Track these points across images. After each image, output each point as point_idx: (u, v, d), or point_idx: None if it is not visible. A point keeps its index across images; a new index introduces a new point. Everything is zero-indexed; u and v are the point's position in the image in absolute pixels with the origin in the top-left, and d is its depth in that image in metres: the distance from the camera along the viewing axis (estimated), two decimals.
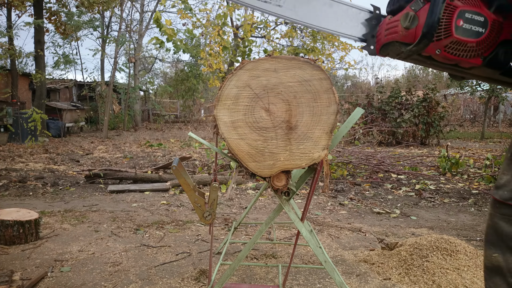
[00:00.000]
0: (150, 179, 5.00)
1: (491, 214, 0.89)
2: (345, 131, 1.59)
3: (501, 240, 0.86)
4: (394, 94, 10.90)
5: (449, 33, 1.09)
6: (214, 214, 1.55)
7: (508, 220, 0.84)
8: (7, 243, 2.57)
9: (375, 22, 1.35)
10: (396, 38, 1.20)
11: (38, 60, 12.63)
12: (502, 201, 0.86)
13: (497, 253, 0.86)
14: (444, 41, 1.10)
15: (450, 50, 1.11)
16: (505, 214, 0.85)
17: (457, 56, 1.12)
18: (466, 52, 1.11)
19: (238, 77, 1.33)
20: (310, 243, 1.47)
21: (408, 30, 1.15)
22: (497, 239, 0.87)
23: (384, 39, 1.26)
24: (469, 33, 1.08)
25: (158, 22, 4.90)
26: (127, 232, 2.93)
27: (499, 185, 0.89)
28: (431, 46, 1.11)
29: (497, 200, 0.87)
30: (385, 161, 6.36)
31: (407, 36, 1.16)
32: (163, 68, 29.56)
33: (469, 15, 1.08)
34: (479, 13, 1.08)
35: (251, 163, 1.36)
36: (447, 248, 2.12)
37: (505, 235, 0.85)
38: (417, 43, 1.10)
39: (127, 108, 17.98)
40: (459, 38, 1.08)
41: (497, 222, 0.87)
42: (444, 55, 1.12)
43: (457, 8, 1.08)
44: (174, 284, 2.02)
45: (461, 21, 1.07)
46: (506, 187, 0.86)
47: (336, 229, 3.06)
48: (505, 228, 0.85)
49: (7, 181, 4.99)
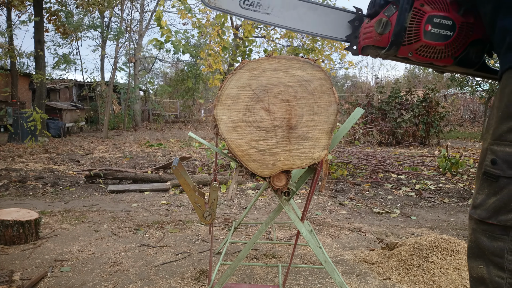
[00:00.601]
0: (150, 179, 5.00)
1: (473, 229, 0.94)
2: (345, 131, 1.59)
3: (483, 254, 0.91)
4: (394, 94, 10.90)
5: (418, 38, 1.15)
6: (214, 214, 1.55)
7: (488, 236, 0.89)
8: (7, 243, 2.57)
9: (357, 23, 1.40)
10: (371, 43, 1.27)
11: (38, 60, 12.64)
12: (480, 219, 0.91)
13: (482, 265, 0.91)
14: (414, 45, 1.16)
15: (421, 52, 1.18)
16: (484, 230, 0.90)
17: (428, 57, 1.18)
18: (436, 54, 1.17)
19: (238, 77, 1.33)
20: (310, 243, 1.47)
21: (381, 35, 1.22)
22: (480, 253, 0.92)
23: (362, 42, 1.33)
24: (438, 37, 1.14)
25: (159, 21, 4.90)
26: (127, 232, 2.93)
27: (476, 205, 0.93)
28: (403, 50, 1.17)
29: (476, 219, 0.93)
30: (385, 161, 6.36)
31: (381, 41, 1.23)
32: (163, 68, 29.59)
33: (437, 19, 1.13)
34: (447, 17, 1.13)
35: (251, 163, 1.36)
36: (447, 248, 2.12)
37: (487, 249, 0.90)
38: (388, 48, 1.17)
39: (127, 108, 17.98)
40: (427, 42, 1.14)
41: (479, 237, 0.92)
42: (416, 57, 1.19)
43: (425, 14, 1.13)
44: (174, 284, 2.02)
45: (429, 26, 1.13)
46: (483, 206, 0.91)
47: (336, 229, 3.06)
48: (486, 243, 0.90)
49: (7, 181, 4.99)
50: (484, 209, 0.90)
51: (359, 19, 1.39)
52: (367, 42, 1.29)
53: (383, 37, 1.21)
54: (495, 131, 0.90)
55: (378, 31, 1.21)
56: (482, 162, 0.93)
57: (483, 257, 0.91)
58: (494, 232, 0.88)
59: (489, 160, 0.89)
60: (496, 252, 0.88)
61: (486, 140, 0.93)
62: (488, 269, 0.89)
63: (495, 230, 0.88)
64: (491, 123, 0.92)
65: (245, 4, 1.47)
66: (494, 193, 0.88)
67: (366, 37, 1.29)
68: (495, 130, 0.90)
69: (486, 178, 0.90)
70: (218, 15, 5.74)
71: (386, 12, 1.21)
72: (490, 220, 0.88)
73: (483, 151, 0.94)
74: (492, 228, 0.88)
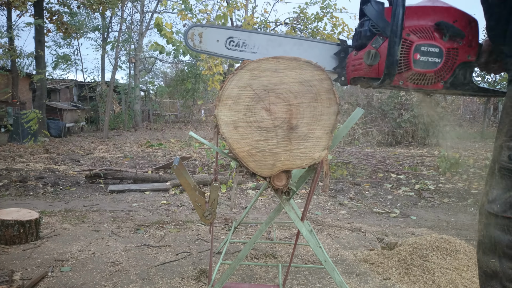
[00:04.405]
0: (151, 179, 5.01)
1: (486, 224, 0.96)
2: (345, 131, 1.59)
3: (496, 248, 0.93)
4: (393, 94, 10.90)
5: (408, 67, 1.18)
6: (214, 213, 1.56)
7: (503, 230, 0.92)
8: (8, 243, 2.58)
9: (343, 55, 1.45)
10: (361, 74, 1.30)
11: (39, 60, 12.64)
12: (495, 213, 0.93)
13: (494, 259, 0.93)
14: (405, 74, 1.19)
15: (412, 80, 1.21)
16: (499, 224, 0.93)
17: (419, 85, 1.21)
18: (426, 81, 1.21)
19: (239, 77, 1.34)
20: (310, 243, 1.48)
21: (371, 66, 1.25)
22: (492, 247, 0.94)
23: (352, 74, 1.36)
24: (427, 64, 1.17)
25: (159, 27, 4.91)
26: (128, 232, 2.93)
27: (490, 200, 0.96)
28: (394, 79, 1.20)
29: (491, 213, 0.95)
30: (384, 161, 6.37)
31: (371, 72, 1.26)
32: (163, 69, 29.58)
33: (424, 48, 1.16)
34: (434, 44, 1.16)
35: (251, 163, 1.37)
36: (446, 248, 2.13)
37: (500, 243, 0.92)
38: (382, 81, 1.20)
39: (127, 108, 17.98)
40: (418, 70, 1.17)
41: (492, 231, 0.94)
42: (407, 85, 1.22)
43: (413, 43, 1.17)
44: (174, 283, 2.03)
45: (418, 54, 1.16)
46: (498, 201, 0.93)
47: (336, 228, 3.07)
48: (500, 237, 0.92)
49: (7, 181, 4.99)
50: (500, 203, 0.92)
51: (344, 50, 1.44)
52: (357, 74, 1.32)
53: (372, 68, 1.24)
54: (510, 130, 0.93)
55: (367, 63, 1.24)
56: (497, 159, 0.95)
57: (495, 251, 0.93)
58: (509, 225, 0.91)
59: (506, 156, 0.92)
60: (510, 245, 0.90)
61: (500, 138, 0.96)
62: (501, 263, 0.91)
63: (510, 223, 0.90)
64: (505, 122, 0.95)
65: (230, 45, 1.53)
66: (510, 187, 0.91)
67: (355, 69, 1.32)
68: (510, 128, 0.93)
69: (503, 174, 0.93)
70: (218, 15, 5.74)
71: (373, 44, 1.24)
72: (506, 214, 0.91)
73: (496, 148, 0.97)
74: (507, 222, 0.91)
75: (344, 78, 1.43)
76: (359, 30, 1.33)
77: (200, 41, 1.55)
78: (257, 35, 1.51)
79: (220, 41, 1.54)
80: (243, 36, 1.52)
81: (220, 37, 1.54)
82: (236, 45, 1.52)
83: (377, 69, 1.23)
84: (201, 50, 1.55)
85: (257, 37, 1.50)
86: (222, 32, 1.55)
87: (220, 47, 1.54)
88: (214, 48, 1.55)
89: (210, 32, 1.55)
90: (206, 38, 1.55)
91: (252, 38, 1.50)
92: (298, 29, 8.82)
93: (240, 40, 1.52)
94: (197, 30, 1.55)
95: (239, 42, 1.52)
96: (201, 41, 1.55)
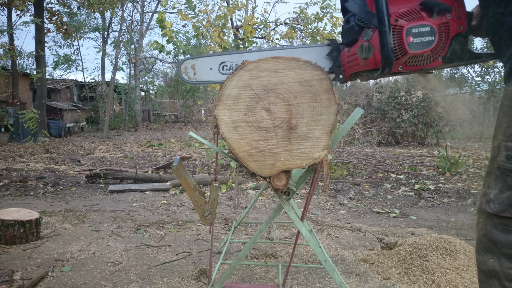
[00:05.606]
0: (151, 179, 5.01)
1: (485, 224, 0.97)
2: (345, 131, 1.60)
3: (495, 247, 0.93)
4: (393, 94, 10.91)
5: (404, 52, 1.17)
6: (214, 213, 1.56)
7: (501, 229, 0.92)
8: (8, 242, 2.58)
9: (336, 54, 1.46)
10: (359, 69, 1.30)
11: (39, 60, 12.65)
12: (494, 213, 0.93)
13: (493, 259, 0.93)
14: (402, 59, 1.19)
15: (410, 63, 1.21)
16: (497, 223, 0.93)
17: (418, 66, 1.22)
18: (424, 61, 1.21)
19: (239, 77, 1.34)
20: (310, 243, 1.48)
21: (367, 59, 1.25)
22: (491, 247, 0.94)
23: (349, 70, 1.37)
24: (422, 45, 1.17)
25: (161, 23, 4.90)
26: (128, 232, 2.94)
27: (489, 199, 0.96)
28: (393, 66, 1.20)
29: (489, 212, 0.95)
30: (384, 161, 6.37)
31: (368, 64, 1.26)
32: (163, 69, 29.59)
33: (416, 29, 1.16)
34: (424, 24, 1.16)
35: (251, 163, 1.37)
36: (446, 247, 2.13)
37: (499, 242, 0.92)
38: (381, 71, 1.20)
39: (127, 108, 17.99)
40: (414, 53, 1.17)
41: (490, 231, 0.94)
42: (407, 69, 1.22)
43: (403, 28, 1.16)
44: (175, 283, 2.03)
45: (410, 37, 1.16)
46: (497, 200, 0.94)
47: (336, 228, 3.07)
48: (499, 236, 0.92)
49: (8, 181, 4.99)
50: (498, 203, 0.93)
51: (336, 49, 1.45)
52: (355, 69, 1.32)
53: (369, 61, 1.25)
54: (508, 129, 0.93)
55: (363, 57, 1.24)
56: (495, 158, 0.95)
57: (494, 251, 0.93)
58: (507, 225, 0.91)
59: (504, 156, 0.92)
60: (509, 244, 0.90)
61: (498, 138, 0.96)
62: (500, 262, 0.92)
63: (508, 223, 0.91)
64: (502, 122, 0.95)
65: (224, 69, 1.55)
66: (508, 187, 0.91)
67: (352, 65, 1.33)
68: (508, 128, 0.93)
69: (501, 173, 0.93)
70: (218, 15, 5.74)
71: (364, 37, 1.25)
72: (504, 214, 0.91)
73: (494, 148, 0.97)
74: (505, 221, 0.91)
75: (342, 76, 1.44)
76: (346, 27, 1.34)
77: (194, 73, 1.59)
78: (248, 54, 1.53)
79: (214, 68, 1.57)
80: (234, 58, 1.55)
81: (213, 65, 1.57)
82: (230, 68, 1.56)
83: (374, 60, 1.23)
84: (197, 81, 1.58)
85: (249, 56, 1.52)
86: (213, 59, 1.57)
87: (215, 74, 1.57)
88: (209, 76, 1.58)
89: (202, 62, 1.58)
90: (200, 69, 1.58)
91: (244, 58, 1.51)
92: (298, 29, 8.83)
93: (232, 63, 1.55)
94: (189, 63, 1.58)
95: (231, 65, 1.55)
96: (195, 73, 1.59)
